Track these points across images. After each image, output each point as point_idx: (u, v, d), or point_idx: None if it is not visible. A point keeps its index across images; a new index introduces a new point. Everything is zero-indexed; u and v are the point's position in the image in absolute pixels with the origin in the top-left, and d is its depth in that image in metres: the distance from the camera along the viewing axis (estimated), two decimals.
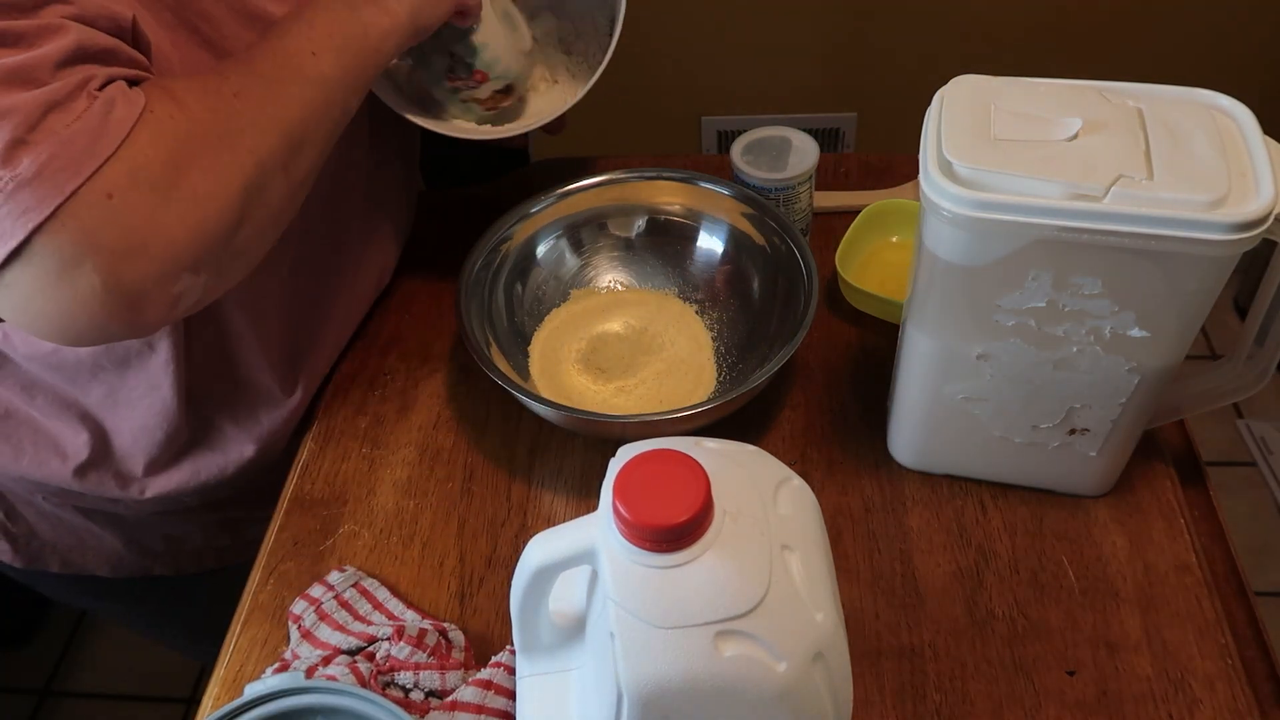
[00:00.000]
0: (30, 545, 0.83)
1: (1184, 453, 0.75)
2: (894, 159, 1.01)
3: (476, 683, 0.61)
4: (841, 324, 0.85)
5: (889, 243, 0.89)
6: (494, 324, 0.80)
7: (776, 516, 0.47)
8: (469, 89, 0.80)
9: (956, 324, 0.62)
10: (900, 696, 0.62)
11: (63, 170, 0.46)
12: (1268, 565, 1.65)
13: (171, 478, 0.77)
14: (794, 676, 0.44)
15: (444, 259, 0.93)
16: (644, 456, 0.44)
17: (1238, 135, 0.56)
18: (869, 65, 1.76)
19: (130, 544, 0.85)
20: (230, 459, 0.78)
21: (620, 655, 0.44)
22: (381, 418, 0.81)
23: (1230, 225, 0.51)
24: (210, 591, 0.87)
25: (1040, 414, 0.65)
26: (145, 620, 1.01)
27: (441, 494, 0.76)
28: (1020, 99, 0.59)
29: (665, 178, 0.85)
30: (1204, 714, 0.60)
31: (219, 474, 0.78)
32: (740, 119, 1.84)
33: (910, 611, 0.66)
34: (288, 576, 0.71)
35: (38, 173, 0.46)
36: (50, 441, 0.74)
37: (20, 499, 0.80)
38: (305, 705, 0.57)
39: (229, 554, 0.90)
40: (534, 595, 0.51)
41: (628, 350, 0.83)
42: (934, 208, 0.56)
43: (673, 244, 0.87)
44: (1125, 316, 0.57)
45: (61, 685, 1.67)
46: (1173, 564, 0.67)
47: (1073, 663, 0.63)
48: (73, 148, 0.47)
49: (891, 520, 0.71)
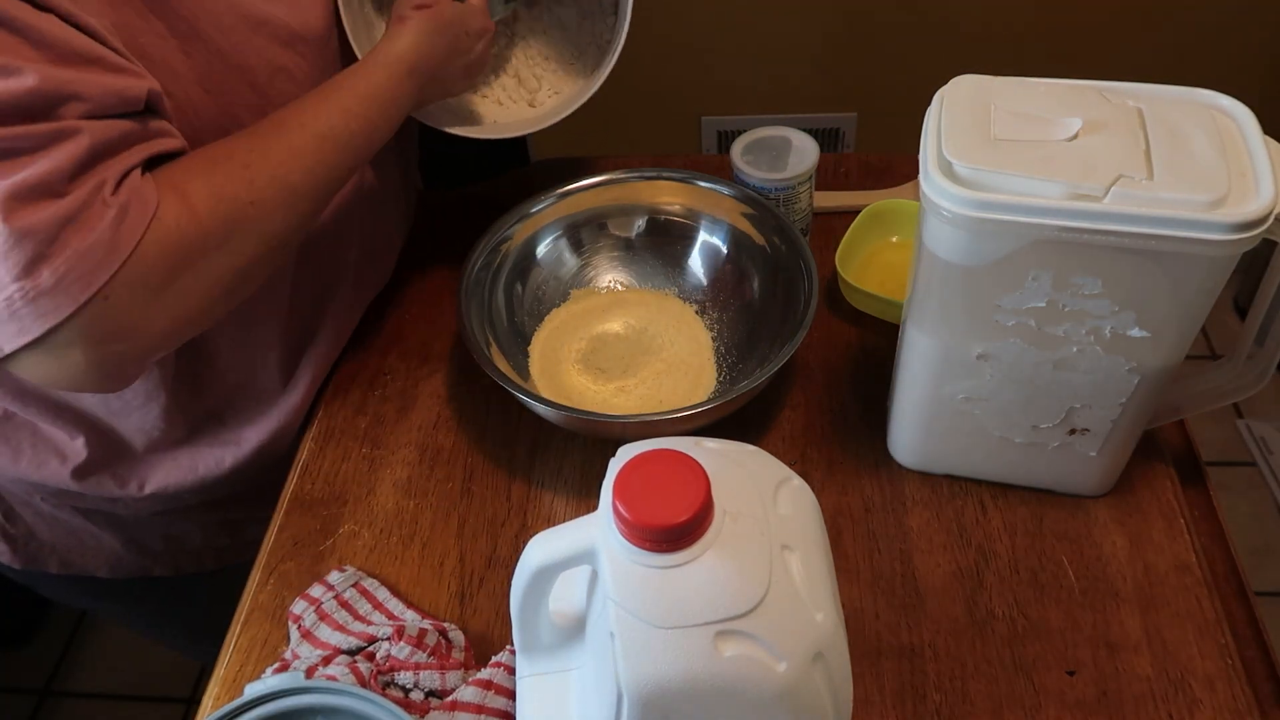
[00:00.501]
0: (29, 546, 0.83)
1: (1184, 453, 0.75)
2: (894, 159, 1.01)
3: (476, 683, 0.61)
4: (841, 324, 0.85)
5: (889, 243, 0.89)
6: (494, 324, 0.80)
7: (776, 516, 0.47)
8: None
9: (956, 324, 0.62)
10: (900, 696, 0.62)
11: (77, 282, 0.52)
12: (1268, 565, 1.65)
13: (170, 475, 0.77)
14: (794, 676, 0.44)
15: (444, 259, 0.93)
16: (644, 456, 0.44)
17: (1238, 135, 0.56)
18: (869, 65, 1.76)
19: (129, 544, 0.85)
20: (229, 456, 0.78)
21: (620, 655, 0.44)
22: (381, 418, 0.81)
23: (1230, 225, 0.51)
24: (210, 591, 0.87)
25: (1040, 414, 0.65)
26: (145, 620, 1.00)
27: (441, 494, 0.76)
28: (1020, 99, 0.59)
29: (665, 178, 0.85)
30: (1204, 714, 0.60)
31: (217, 470, 0.78)
32: (740, 119, 1.84)
33: (910, 611, 0.66)
34: (288, 576, 0.71)
35: (56, 284, 0.51)
36: (49, 443, 0.74)
37: (19, 500, 0.80)
38: (305, 705, 0.57)
39: (228, 554, 0.90)
40: (534, 595, 0.51)
41: (628, 350, 0.83)
42: (934, 208, 0.56)
43: (673, 244, 0.87)
44: (1125, 316, 0.57)
45: (61, 685, 1.67)
46: (1173, 564, 0.67)
47: (1073, 663, 0.63)
48: (88, 262, 0.52)
49: (891, 520, 0.71)
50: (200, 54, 0.62)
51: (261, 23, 0.65)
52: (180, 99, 0.62)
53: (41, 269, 0.51)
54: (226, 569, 0.90)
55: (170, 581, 0.89)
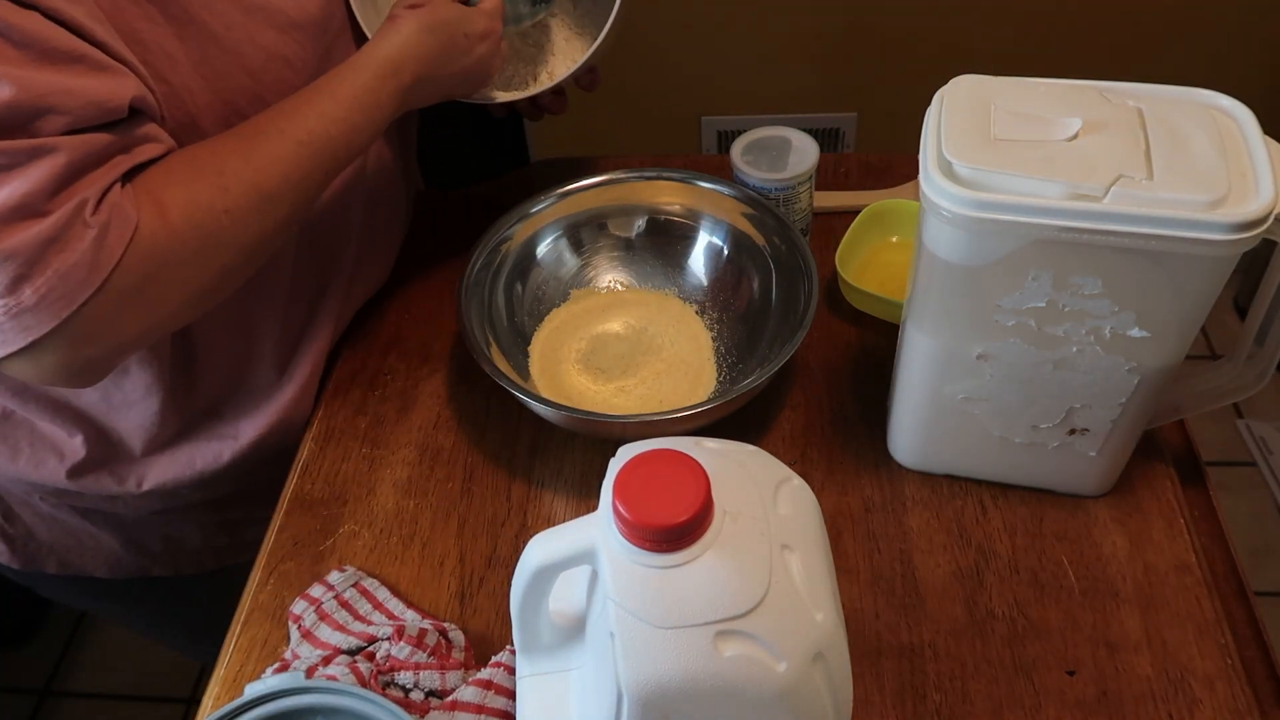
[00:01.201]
0: (28, 546, 0.83)
1: (1184, 453, 0.75)
2: (894, 159, 1.01)
3: (476, 683, 0.61)
4: (841, 324, 0.85)
5: (889, 243, 0.89)
6: (494, 324, 0.80)
7: (776, 516, 0.47)
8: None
9: (956, 324, 0.62)
10: (900, 696, 0.62)
11: (59, 301, 0.53)
12: (1268, 565, 1.65)
13: (169, 471, 0.77)
14: (794, 676, 0.44)
15: (444, 259, 0.93)
16: (644, 456, 0.44)
17: (1238, 135, 0.56)
18: (869, 65, 1.76)
19: (128, 545, 0.85)
20: (227, 450, 0.78)
21: (620, 655, 0.44)
22: (381, 418, 0.81)
23: (1230, 225, 0.51)
24: (210, 591, 0.87)
25: (1040, 414, 0.65)
26: (145, 620, 1.01)
27: (441, 494, 0.76)
28: (1020, 99, 0.59)
29: (665, 178, 0.85)
30: (1204, 714, 0.60)
31: (216, 465, 0.78)
32: (740, 119, 1.84)
33: (910, 611, 0.66)
34: (288, 576, 0.71)
35: (38, 302, 0.52)
36: (47, 442, 0.75)
37: (18, 500, 0.80)
38: (305, 705, 0.57)
39: (227, 554, 0.90)
40: (534, 595, 0.51)
41: (627, 350, 0.83)
42: (934, 208, 0.56)
43: (673, 244, 0.87)
44: (1125, 316, 0.57)
45: (61, 685, 1.67)
46: (1173, 564, 0.67)
47: (1073, 663, 0.63)
48: (69, 282, 0.53)
49: (891, 520, 0.71)
50: (195, 39, 0.62)
51: (256, 8, 0.65)
52: (176, 85, 0.62)
53: (24, 288, 0.52)
54: (226, 569, 0.90)
55: (170, 581, 0.89)
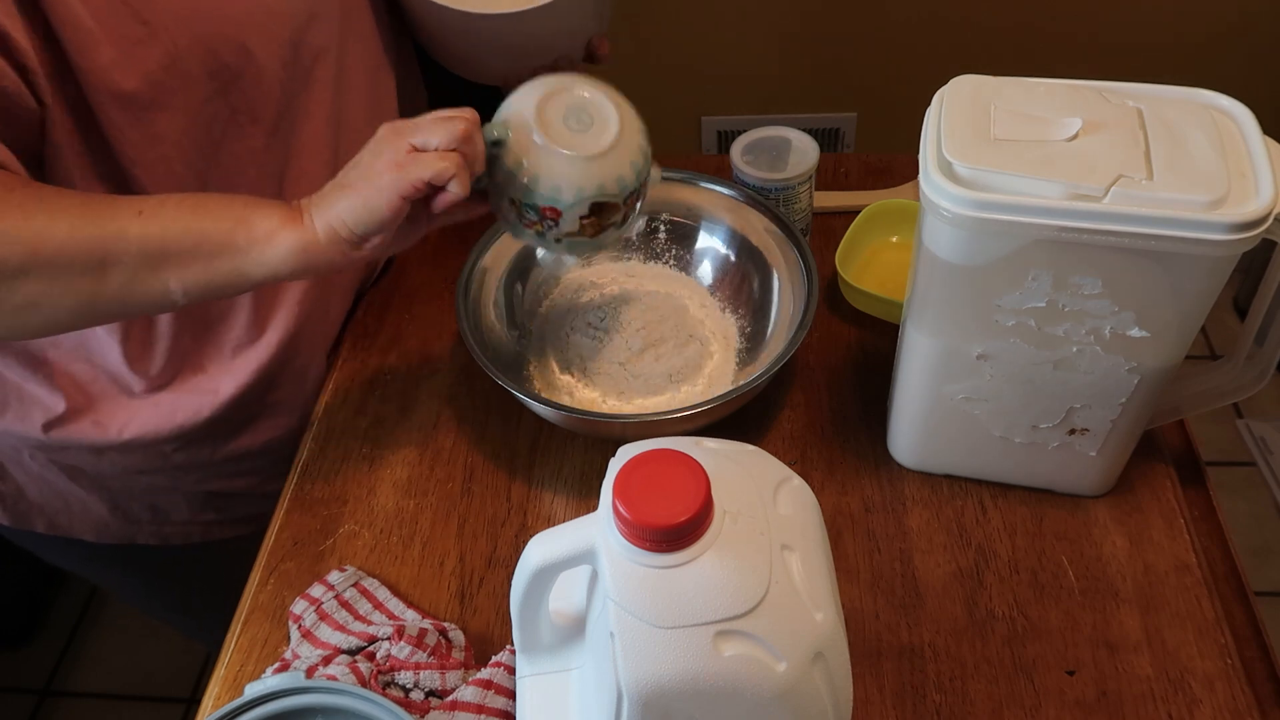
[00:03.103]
0: (19, 505, 0.85)
1: (1184, 453, 0.75)
2: (894, 159, 1.01)
3: (476, 682, 0.61)
4: (841, 324, 0.85)
5: (889, 243, 0.89)
6: (494, 324, 0.80)
7: (776, 516, 0.47)
8: (552, 228, 0.67)
9: (956, 324, 0.62)
10: (900, 696, 0.62)
11: None
12: (1268, 565, 1.65)
13: (150, 420, 0.78)
14: (794, 676, 0.44)
15: (444, 259, 0.93)
16: (644, 456, 0.44)
17: (1238, 135, 0.56)
18: (869, 65, 1.76)
19: (115, 511, 0.86)
20: (206, 405, 0.79)
21: (620, 655, 0.44)
22: (381, 418, 0.81)
23: (1230, 225, 0.51)
24: (202, 566, 0.88)
25: (1040, 414, 0.65)
26: (136, 592, 1.02)
27: (441, 494, 0.76)
28: (1020, 99, 0.59)
29: (665, 178, 0.85)
30: (1204, 714, 0.60)
31: (195, 419, 0.79)
32: (740, 119, 1.84)
33: (910, 611, 0.66)
34: (288, 576, 0.71)
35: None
36: (29, 395, 0.76)
37: (8, 457, 0.82)
38: (305, 705, 0.57)
39: (215, 529, 0.90)
40: (534, 595, 0.51)
41: (628, 349, 0.83)
42: (934, 208, 0.56)
43: (673, 244, 0.87)
44: (1125, 316, 0.57)
45: (61, 685, 1.67)
46: (1173, 564, 0.67)
47: (1073, 663, 0.63)
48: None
49: (891, 520, 0.71)
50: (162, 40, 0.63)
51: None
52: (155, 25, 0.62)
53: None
54: (216, 544, 0.90)
55: (158, 551, 0.90)
